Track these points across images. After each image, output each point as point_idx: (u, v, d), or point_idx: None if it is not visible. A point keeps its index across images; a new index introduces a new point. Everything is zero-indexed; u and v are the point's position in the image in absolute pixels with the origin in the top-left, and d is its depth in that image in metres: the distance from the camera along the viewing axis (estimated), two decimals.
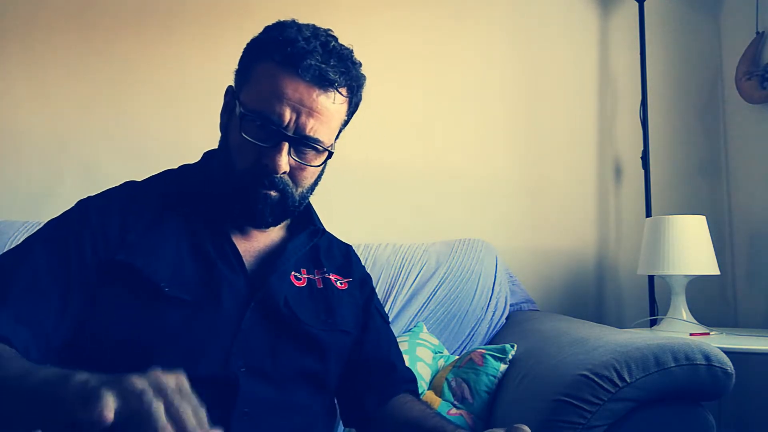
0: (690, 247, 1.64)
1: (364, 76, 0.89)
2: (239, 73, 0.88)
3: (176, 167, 0.97)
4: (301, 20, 0.88)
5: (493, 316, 1.66)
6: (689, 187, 2.06)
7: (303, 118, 0.81)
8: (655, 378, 0.94)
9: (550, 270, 2.04)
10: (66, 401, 0.51)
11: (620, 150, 2.09)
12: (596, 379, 0.95)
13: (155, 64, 2.07)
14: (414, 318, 1.62)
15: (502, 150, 2.08)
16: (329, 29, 0.87)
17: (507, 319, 1.68)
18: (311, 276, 0.94)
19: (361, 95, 0.90)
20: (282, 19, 0.87)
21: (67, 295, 0.77)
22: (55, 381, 0.54)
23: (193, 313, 0.80)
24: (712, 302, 1.97)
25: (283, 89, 0.80)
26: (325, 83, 0.81)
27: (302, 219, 0.96)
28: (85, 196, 0.88)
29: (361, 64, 0.88)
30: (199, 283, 0.82)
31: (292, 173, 0.84)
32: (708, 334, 1.58)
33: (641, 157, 1.98)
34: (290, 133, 0.81)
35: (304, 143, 0.82)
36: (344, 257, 1.03)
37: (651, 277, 1.92)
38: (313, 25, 0.86)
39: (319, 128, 0.82)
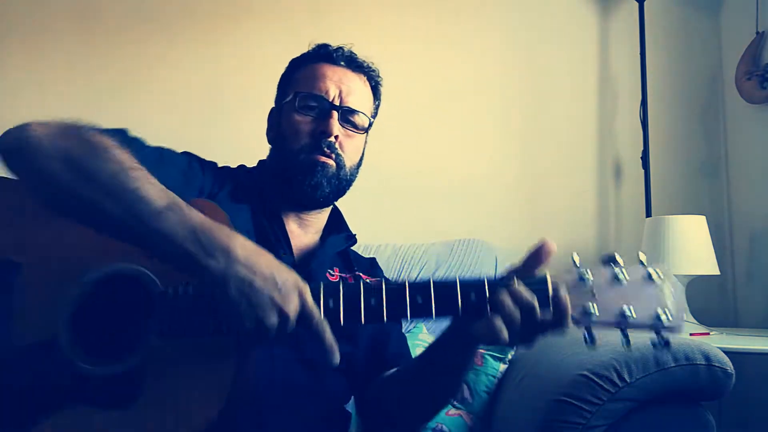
0: (690, 247, 1.64)
1: (381, 79, 1.07)
2: (281, 88, 1.05)
3: (254, 165, 1.08)
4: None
5: None
6: (689, 187, 2.06)
7: (344, 94, 0.99)
8: (655, 378, 0.94)
9: (550, 270, 2.03)
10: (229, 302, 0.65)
11: (620, 150, 2.08)
12: (596, 379, 0.95)
13: (156, 66, 2.07)
14: None
15: (502, 150, 2.07)
16: None
17: None
18: (343, 275, 1.02)
19: (380, 98, 1.08)
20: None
21: None
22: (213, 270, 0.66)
23: None
24: (712, 302, 1.96)
25: (325, 72, 1.00)
26: (355, 66, 1.02)
27: (334, 227, 1.07)
28: None
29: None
30: None
31: (342, 143, 0.98)
32: (708, 334, 1.58)
33: (641, 157, 1.98)
34: (336, 104, 0.98)
35: (349, 113, 0.99)
36: (370, 266, 1.14)
37: None
38: None
39: (357, 102, 1.00)
